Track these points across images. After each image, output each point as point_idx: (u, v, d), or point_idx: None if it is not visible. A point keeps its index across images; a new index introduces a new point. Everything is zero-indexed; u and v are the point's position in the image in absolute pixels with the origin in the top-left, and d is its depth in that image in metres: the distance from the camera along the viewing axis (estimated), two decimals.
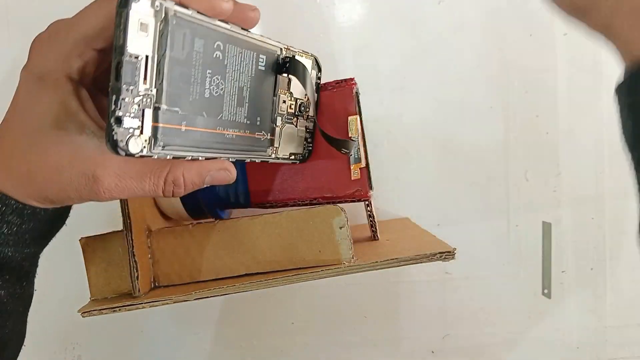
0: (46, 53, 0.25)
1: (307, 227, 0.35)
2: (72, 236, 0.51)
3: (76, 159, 0.24)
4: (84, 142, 0.24)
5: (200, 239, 0.36)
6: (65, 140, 0.24)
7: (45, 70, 0.25)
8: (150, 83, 0.22)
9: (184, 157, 0.25)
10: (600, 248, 0.52)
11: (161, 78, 0.23)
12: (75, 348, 0.51)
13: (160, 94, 0.23)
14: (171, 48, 0.23)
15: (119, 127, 0.21)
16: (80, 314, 0.34)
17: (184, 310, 0.51)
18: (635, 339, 0.52)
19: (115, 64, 0.21)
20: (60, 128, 0.24)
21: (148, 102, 0.22)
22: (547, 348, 0.53)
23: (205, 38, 0.25)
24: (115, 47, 0.21)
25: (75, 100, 0.25)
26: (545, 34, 0.50)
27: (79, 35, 0.24)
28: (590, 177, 0.51)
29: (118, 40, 0.21)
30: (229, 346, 0.52)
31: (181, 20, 0.23)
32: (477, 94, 0.51)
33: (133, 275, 0.34)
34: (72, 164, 0.24)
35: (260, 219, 0.36)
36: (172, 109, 0.24)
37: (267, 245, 0.36)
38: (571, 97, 0.50)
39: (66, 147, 0.24)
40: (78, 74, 0.25)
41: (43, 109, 0.25)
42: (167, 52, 0.23)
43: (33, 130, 0.25)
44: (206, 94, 0.26)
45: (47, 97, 0.25)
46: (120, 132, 0.22)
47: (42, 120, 0.24)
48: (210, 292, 0.34)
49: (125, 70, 0.21)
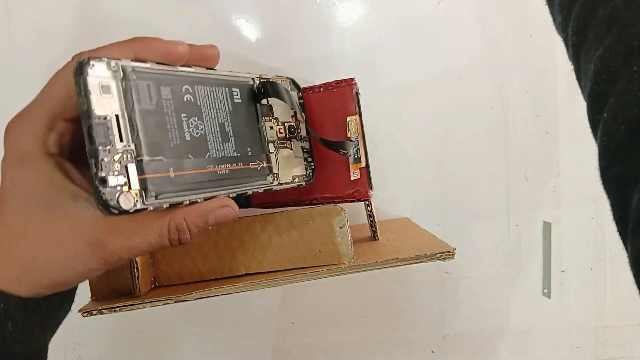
0: (20, 135, 0.24)
1: (307, 227, 0.35)
2: None
3: (76, 230, 0.24)
4: (79, 212, 0.24)
5: (201, 239, 0.36)
6: (60, 215, 0.24)
7: (23, 152, 0.24)
8: (127, 139, 0.23)
9: (182, 203, 0.25)
10: (600, 248, 0.52)
11: (136, 132, 0.23)
12: (75, 348, 0.51)
13: (139, 147, 0.23)
14: (138, 102, 0.24)
15: (105, 187, 0.22)
16: (81, 314, 0.34)
17: (184, 310, 0.51)
18: (635, 339, 0.52)
19: (86, 129, 0.22)
20: (52, 204, 0.24)
21: (129, 157, 0.23)
22: (547, 348, 0.53)
23: (171, 85, 0.25)
24: (81, 113, 0.22)
25: (59, 174, 0.24)
26: (545, 34, 0.50)
27: (47, 110, 0.24)
28: (590, 177, 0.51)
29: (83, 106, 0.22)
30: (229, 346, 0.52)
31: (141, 73, 0.24)
32: (477, 94, 0.51)
33: (133, 275, 0.34)
34: (73, 235, 0.24)
35: (260, 219, 0.36)
36: (155, 159, 0.24)
37: (267, 245, 0.36)
38: (571, 97, 0.50)
39: (63, 221, 0.24)
40: (56, 148, 0.25)
41: (30, 190, 0.24)
42: (135, 106, 0.23)
43: (26, 213, 0.24)
44: (187, 137, 0.26)
45: (32, 178, 0.24)
46: (108, 192, 0.22)
47: (33, 201, 0.24)
48: (210, 292, 0.34)
49: (97, 133, 0.22)
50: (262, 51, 0.49)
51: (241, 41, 0.49)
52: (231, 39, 0.49)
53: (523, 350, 0.53)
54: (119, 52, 0.24)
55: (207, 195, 0.27)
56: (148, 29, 0.49)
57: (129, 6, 0.49)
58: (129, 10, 0.49)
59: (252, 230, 0.36)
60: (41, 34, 0.48)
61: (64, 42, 0.49)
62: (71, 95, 0.24)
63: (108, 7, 0.49)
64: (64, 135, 0.25)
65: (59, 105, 0.24)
